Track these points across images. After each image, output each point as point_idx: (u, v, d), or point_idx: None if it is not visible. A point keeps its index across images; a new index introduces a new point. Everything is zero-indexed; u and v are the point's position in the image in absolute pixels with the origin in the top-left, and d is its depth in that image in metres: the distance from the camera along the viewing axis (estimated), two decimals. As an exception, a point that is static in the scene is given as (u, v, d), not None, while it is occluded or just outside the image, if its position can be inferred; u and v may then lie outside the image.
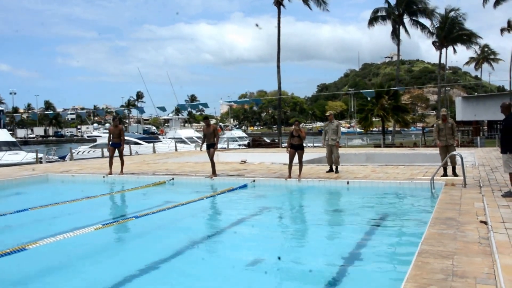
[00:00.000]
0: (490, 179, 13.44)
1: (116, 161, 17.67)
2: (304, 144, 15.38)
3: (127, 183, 15.93)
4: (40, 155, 28.07)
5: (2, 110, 39.39)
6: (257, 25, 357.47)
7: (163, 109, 48.12)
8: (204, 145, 16.64)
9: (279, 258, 5.37)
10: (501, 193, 10.62)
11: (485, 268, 5.45)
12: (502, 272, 5.10)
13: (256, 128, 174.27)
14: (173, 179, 16.11)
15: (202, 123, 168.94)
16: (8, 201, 14.23)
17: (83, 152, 37.80)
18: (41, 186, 17.02)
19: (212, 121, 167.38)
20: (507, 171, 10.33)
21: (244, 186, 14.53)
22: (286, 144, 16.24)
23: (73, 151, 35.84)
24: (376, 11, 55.56)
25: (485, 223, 7.74)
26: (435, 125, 14.85)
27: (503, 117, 10.68)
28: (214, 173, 16.09)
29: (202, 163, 20.95)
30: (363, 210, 11.43)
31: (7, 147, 30.72)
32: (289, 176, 14.81)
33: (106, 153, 32.00)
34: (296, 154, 14.77)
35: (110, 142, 17.57)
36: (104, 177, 17.28)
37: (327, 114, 16.79)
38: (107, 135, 18.19)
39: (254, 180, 15.10)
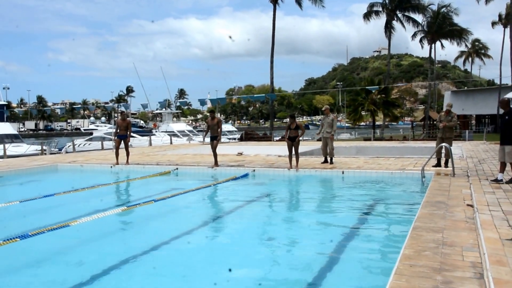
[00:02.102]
0: (477, 169, 14.30)
1: (121, 152, 18.42)
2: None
3: (134, 173, 16.73)
4: (44, 147, 29.05)
5: (5, 104, 39.94)
6: (230, 37, 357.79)
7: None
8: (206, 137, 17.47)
9: (229, 270, 6.22)
10: (487, 182, 11.53)
11: (470, 240, 6.38)
12: (485, 242, 6.02)
13: (243, 123, 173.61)
14: (177, 169, 16.88)
15: (190, 118, 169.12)
16: (29, 188, 15.04)
17: (79, 145, 38.50)
18: (54, 175, 17.92)
19: (199, 116, 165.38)
20: (509, 161, 11.22)
21: (246, 175, 15.33)
22: (278, 138, 16.96)
23: (68, 144, 36.77)
24: (371, 5, 56.23)
25: (472, 206, 8.65)
26: (438, 117, 15.63)
27: (491, 112, 11.63)
28: (216, 163, 16.83)
29: (200, 155, 21.77)
30: (359, 196, 12.41)
31: (10, 140, 31.53)
32: (291, 167, 15.66)
33: (106, 145, 32.97)
34: (293, 146, 15.64)
35: (117, 134, 18.35)
36: (111, 167, 18.04)
37: (324, 108, 17.64)
38: (103, 128, 18.94)
39: (254, 170, 15.87)
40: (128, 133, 18.41)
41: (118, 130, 18.35)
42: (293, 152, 15.66)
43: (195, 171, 16.87)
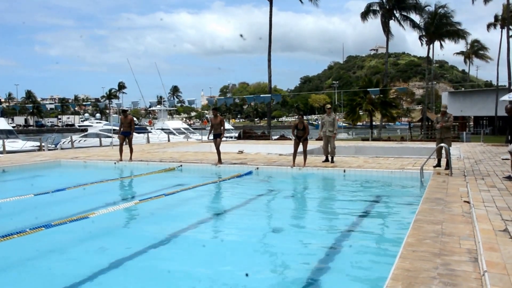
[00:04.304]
0: (474, 169, 14.75)
1: (125, 148, 18.90)
2: (291, 137, 16.71)
3: (138, 169, 17.20)
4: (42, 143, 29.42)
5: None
6: (241, 35, 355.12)
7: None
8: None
9: (246, 274, 6.33)
10: (483, 181, 12.02)
11: (466, 231, 6.92)
12: (480, 232, 6.57)
13: (238, 121, 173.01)
14: (181, 166, 17.30)
15: (183, 115, 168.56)
16: (37, 183, 15.55)
17: (74, 141, 38.77)
18: (59, 171, 18.40)
19: (193, 114, 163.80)
20: None
21: (250, 172, 15.81)
22: (277, 137, 17.32)
23: (63, 140, 37.09)
24: (369, 5, 56.58)
25: (468, 202, 9.16)
26: (435, 118, 16.09)
27: (489, 113, 12.26)
28: (219, 161, 17.29)
29: (202, 152, 22.24)
30: (361, 193, 12.98)
31: (5, 136, 31.45)
32: (294, 164, 16.14)
33: (104, 142, 33.37)
34: (301, 145, 16.15)
35: (121, 131, 18.77)
36: (115, 163, 18.49)
37: (327, 107, 18.02)
38: (98, 125, 19.25)
39: (257, 168, 16.33)
40: (132, 127, 18.85)
41: (121, 127, 18.77)
42: (301, 149, 16.26)
43: (199, 168, 17.31)
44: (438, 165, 15.27)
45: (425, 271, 5.14)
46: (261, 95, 44.48)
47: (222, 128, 17.43)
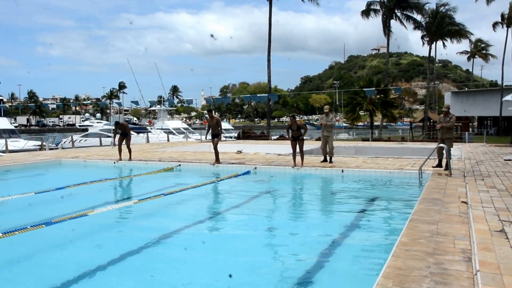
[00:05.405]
0: (474, 170, 14.67)
1: (125, 148, 18.90)
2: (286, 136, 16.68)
3: (137, 169, 17.26)
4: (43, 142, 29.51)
5: (2, 99, 40.17)
6: (212, 35, 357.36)
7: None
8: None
9: (230, 276, 6.28)
10: (483, 182, 11.98)
11: (462, 231, 6.91)
12: (475, 232, 6.56)
13: (238, 121, 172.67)
14: (179, 165, 17.31)
15: (183, 115, 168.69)
16: (38, 181, 15.70)
17: (74, 141, 38.80)
18: (60, 170, 18.53)
19: (193, 113, 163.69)
20: None
21: (247, 172, 15.80)
22: (276, 137, 17.37)
23: (64, 140, 37.14)
24: (369, 3, 56.36)
25: (466, 202, 9.13)
26: (439, 118, 15.99)
27: (493, 113, 12.24)
28: (217, 160, 17.30)
29: (201, 152, 22.24)
30: (359, 193, 12.91)
31: (7, 135, 31.54)
32: (295, 165, 16.12)
33: (104, 142, 33.43)
34: (297, 144, 16.09)
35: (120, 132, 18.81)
36: (115, 162, 18.53)
37: (325, 110, 17.96)
38: (98, 124, 19.32)
39: (255, 168, 16.32)
40: (128, 134, 19.01)
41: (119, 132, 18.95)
42: (298, 150, 16.15)
43: (198, 167, 17.33)
44: (439, 165, 15.18)
45: (417, 270, 5.15)
46: (258, 95, 44.41)
47: (219, 128, 17.45)
